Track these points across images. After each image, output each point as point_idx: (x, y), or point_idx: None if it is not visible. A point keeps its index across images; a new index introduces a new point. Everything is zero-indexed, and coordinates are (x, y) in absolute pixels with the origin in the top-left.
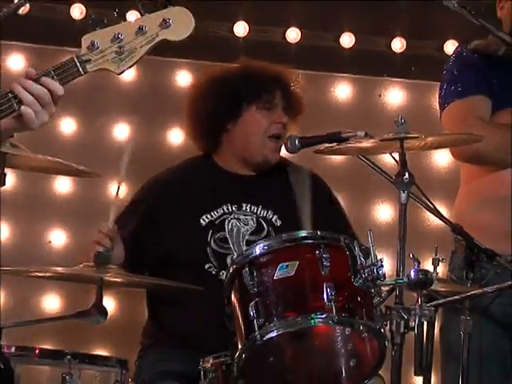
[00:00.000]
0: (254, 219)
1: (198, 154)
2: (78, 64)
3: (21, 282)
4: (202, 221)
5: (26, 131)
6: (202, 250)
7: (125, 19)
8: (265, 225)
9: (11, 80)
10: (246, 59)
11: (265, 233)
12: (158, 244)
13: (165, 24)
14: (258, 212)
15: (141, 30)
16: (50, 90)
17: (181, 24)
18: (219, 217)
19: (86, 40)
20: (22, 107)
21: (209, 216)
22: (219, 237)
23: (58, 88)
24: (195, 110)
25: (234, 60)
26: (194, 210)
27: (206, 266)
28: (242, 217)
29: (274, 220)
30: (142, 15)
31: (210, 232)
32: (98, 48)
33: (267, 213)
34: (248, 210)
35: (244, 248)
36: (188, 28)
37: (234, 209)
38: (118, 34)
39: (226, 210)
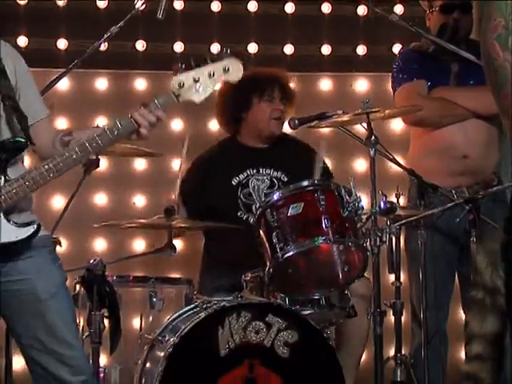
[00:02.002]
0: (268, 178)
1: (227, 136)
2: (174, 97)
3: (117, 232)
4: (233, 182)
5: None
6: (235, 202)
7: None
8: (276, 182)
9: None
10: (253, 68)
11: (276, 188)
12: (205, 200)
13: (226, 70)
14: (271, 173)
15: (211, 75)
16: (157, 117)
17: (236, 69)
18: (244, 178)
19: (175, 80)
20: (140, 128)
21: (237, 178)
22: (246, 192)
23: (163, 115)
24: (221, 105)
25: (247, 69)
26: (227, 175)
27: (239, 214)
28: (260, 177)
29: (282, 177)
30: (211, 62)
31: (239, 189)
32: (184, 86)
33: (277, 173)
34: (264, 172)
35: (263, 199)
36: (240, 72)
37: (254, 172)
38: (198, 77)
39: (249, 173)
